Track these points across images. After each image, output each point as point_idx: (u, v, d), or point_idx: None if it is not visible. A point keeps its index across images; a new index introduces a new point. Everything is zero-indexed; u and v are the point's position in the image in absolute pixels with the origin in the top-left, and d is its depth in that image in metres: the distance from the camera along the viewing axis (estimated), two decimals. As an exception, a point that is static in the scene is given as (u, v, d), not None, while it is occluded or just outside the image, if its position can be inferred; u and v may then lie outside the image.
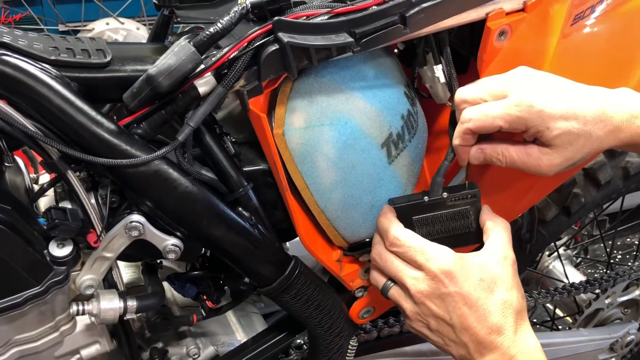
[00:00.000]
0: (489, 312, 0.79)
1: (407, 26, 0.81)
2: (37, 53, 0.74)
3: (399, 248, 0.83)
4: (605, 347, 1.66)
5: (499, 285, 0.80)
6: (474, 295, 0.79)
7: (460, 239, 0.89)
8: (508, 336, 0.79)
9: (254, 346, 1.06)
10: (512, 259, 0.83)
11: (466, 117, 0.80)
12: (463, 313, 0.79)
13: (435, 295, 0.80)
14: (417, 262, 0.81)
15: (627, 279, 1.57)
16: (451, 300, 0.79)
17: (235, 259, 0.89)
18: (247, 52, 0.76)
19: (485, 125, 0.79)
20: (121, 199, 0.84)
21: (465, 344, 0.80)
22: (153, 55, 0.81)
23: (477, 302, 0.79)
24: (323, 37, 0.78)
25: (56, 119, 0.74)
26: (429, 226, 0.88)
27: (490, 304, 0.79)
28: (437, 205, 0.88)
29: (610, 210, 1.78)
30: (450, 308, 0.80)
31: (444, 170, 0.87)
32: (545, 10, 0.88)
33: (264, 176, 0.89)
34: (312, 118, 0.84)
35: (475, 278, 0.79)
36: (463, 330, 0.79)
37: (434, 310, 0.81)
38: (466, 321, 0.79)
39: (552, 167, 0.80)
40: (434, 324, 0.82)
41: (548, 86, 0.79)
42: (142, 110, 0.78)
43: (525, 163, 0.81)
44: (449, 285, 0.79)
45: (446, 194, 0.87)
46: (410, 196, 0.90)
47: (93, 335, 0.92)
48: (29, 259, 0.79)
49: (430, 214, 0.87)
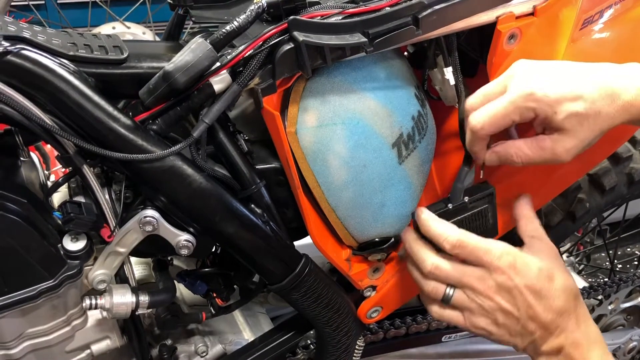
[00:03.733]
0: (553, 298, 0.81)
1: (419, 27, 0.82)
2: (55, 48, 0.75)
3: (464, 249, 0.83)
4: (608, 354, 1.67)
5: (555, 273, 0.83)
6: (538, 285, 0.81)
7: (480, 235, 0.90)
8: (572, 320, 0.82)
9: (262, 345, 1.07)
10: (556, 251, 0.86)
11: (477, 124, 0.80)
12: (530, 303, 0.81)
13: (504, 290, 0.82)
14: (482, 260, 0.82)
15: (630, 285, 1.58)
16: (518, 292, 0.81)
17: (246, 255, 0.89)
18: (262, 51, 0.77)
19: (499, 124, 0.79)
20: (135, 194, 0.85)
21: (531, 333, 0.83)
22: (168, 53, 0.83)
23: (541, 291, 0.81)
24: (337, 36, 0.79)
25: (73, 114, 0.75)
26: None
27: (553, 291, 0.82)
28: (460, 210, 0.89)
29: (611, 219, 1.79)
30: (518, 300, 0.82)
31: (464, 175, 0.88)
32: (554, 14, 0.90)
33: (275, 174, 0.90)
34: (325, 117, 0.85)
35: (535, 268, 0.82)
36: (529, 320, 0.82)
37: (501, 305, 0.82)
38: (533, 311, 0.81)
39: (567, 151, 0.79)
40: (501, 319, 0.83)
41: (548, 72, 0.79)
42: (157, 106, 0.79)
43: (542, 156, 0.80)
44: (515, 278, 0.81)
45: (467, 197, 0.89)
46: (431, 206, 0.90)
47: (104, 331, 0.93)
48: (44, 252, 0.80)
49: (455, 219, 0.89)
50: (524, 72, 0.79)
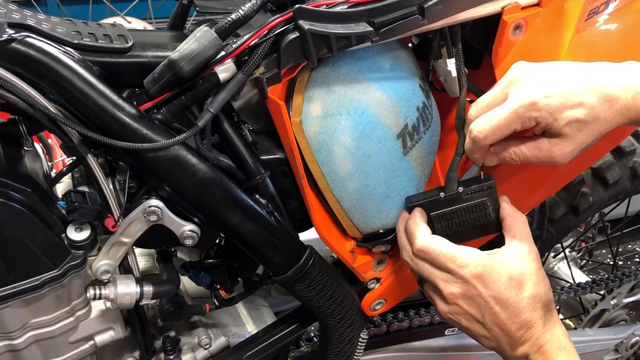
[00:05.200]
0: (519, 309, 0.80)
1: (425, 17, 0.82)
2: (60, 36, 0.74)
3: (428, 255, 0.83)
4: (611, 348, 1.67)
5: (526, 281, 0.81)
6: (504, 295, 0.80)
7: (479, 229, 0.89)
8: (537, 328, 0.81)
9: (265, 337, 1.06)
10: (536, 252, 0.85)
11: (479, 134, 0.80)
12: (495, 312, 0.81)
13: (467, 297, 0.82)
14: (447, 268, 0.82)
15: (633, 279, 1.58)
16: (483, 301, 0.81)
17: (251, 246, 0.89)
18: (267, 40, 0.77)
19: (501, 133, 0.79)
20: (139, 184, 0.84)
21: (497, 339, 0.82)
22: (173, 42, 0.82)
23: (507, 301, 0.80)
24: (343, 25, 0.79)
25: (78, 102, 0.75)
26: (448, 220, 0.89)
27: (520, 301, 0.80)
28: (454, 200, 0.88)
29: (611, 216, 1.79)
30: (482, 308, 0.81)
31: (456, 165, 0.88)
32: (560, 5, 0.89)
33: (280, 165, 0.89)
34: (330, 107, 0.85)
35: (505, 277, 0.81)
36: (494, 327, 0.82)
37: (466, 310, 0.82)
38: (498, 319, 0.81)
39: (564, 155, 0.80)
40: (465, 322, 0.84)
41: (547, 77, 0.79)
42: (162, 95, 0.79)
43: (538, 157, 0.81)
44: (480, 288, 0.80)
45: (462, 188, 0.88)
46: (426, 193, 0.91)
47: (107, 322, 0.93)
48: (48, 242, 0.80)
49: (447, 209, 0.88)
50: (524, 79, 0.79)
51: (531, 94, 0.77)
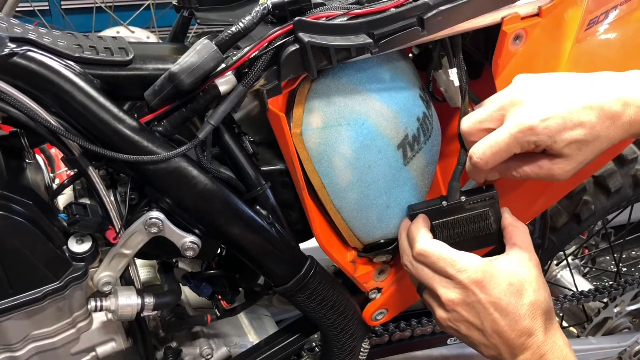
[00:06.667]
0: (519, 315, 0.80)
1: (424, 28, 0.82)
2: (61, 50, 0.75)
3: (428, 259, 0.83)
4: (614, 356, 1.66)
5: (527, 288, 0.81)
6: (504, 301, 0.80)
7: (481, 240, 0.89)
8: (538, 336, 0.80)
9: (267, 347, 1.07)
10: (536, 260, 0.84)
11: (479, 160, 0.80)
12: (494, 319, 0.80)
13: (466, 303, 0.81)
14: (447, 273, 0.82)
15: (636, 287, 1.57)
16: (482, 307, 0.80)
17: (251, 257, 0.89)
18: (267, 52, 0.77)
19: (501, 157, 0.79)
20: (140, 196, 0.85)
21: (496, 347, 0.82)
22: (174, 55, 0.83)
23: (507, 308, 0.80)
24: (342, 37, 0.79)
25: (79, 115, 0.75)
26: (449, 230, 0.89)
27: (520, 308, 0.80)
28: (456, 209, 0.88)
29: (615, 223, 1.79)
30: (482, 315, 0.81)
31: (458, 174, 0.88)
32: (560, 15, 0.90)
33: (280, 176, 0.90)
34: (330, 118, 0.85)
35: (504, 284, 0.80)
36: (494, 334, 0.81)
37: (465, 316, 0.82)
38: (497, 326, 0.80)
39: (566, 173, 0.80)
40: (464, 330, 0.83)
41: (544, 97, 0.78)
42: (163, 108, 0.79)
43: (539, 174, 0.81)
44: (479, 294, 0.80)
45: (464, 197, 0.88)
46: (428, 202, 0.91)
47: (109, 333, 0.93)
48: (49, 254, 0.80)
49: (449, 218, 0.88)
50: (521, 100, 0.78)
51: (528, 118, 0.76)
